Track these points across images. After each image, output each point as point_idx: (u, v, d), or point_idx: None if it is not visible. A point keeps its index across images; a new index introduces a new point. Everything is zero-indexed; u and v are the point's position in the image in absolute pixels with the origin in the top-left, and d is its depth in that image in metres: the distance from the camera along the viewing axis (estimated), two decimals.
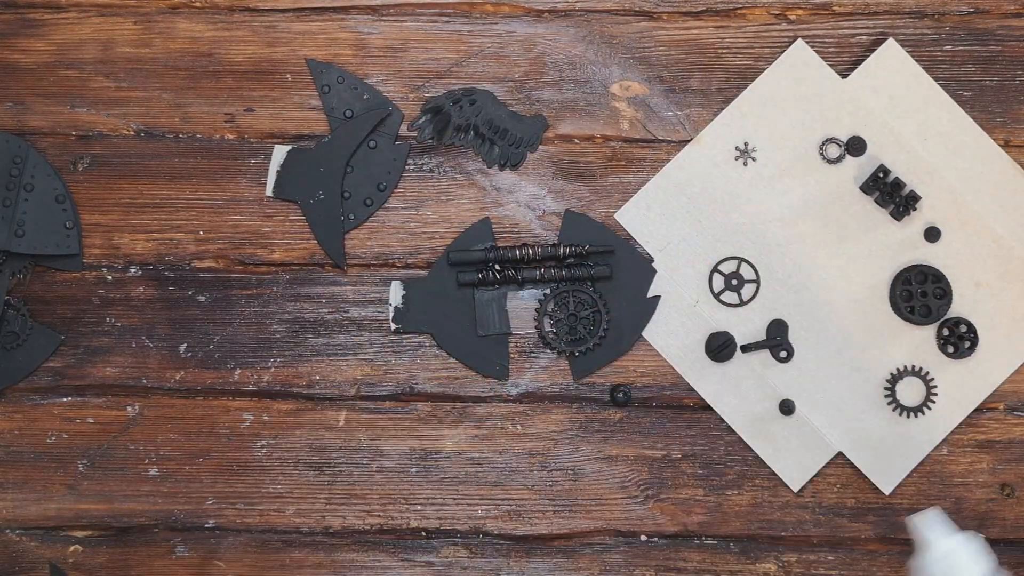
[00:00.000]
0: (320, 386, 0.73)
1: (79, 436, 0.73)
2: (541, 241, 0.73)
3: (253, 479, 0.72)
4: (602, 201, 0.73)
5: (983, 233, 0.72)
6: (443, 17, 0.75)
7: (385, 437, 0.72)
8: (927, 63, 0.73)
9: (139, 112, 0.74)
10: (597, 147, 0.74)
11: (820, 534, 0.70)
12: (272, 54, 0.74)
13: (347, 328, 0.73)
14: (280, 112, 0.74)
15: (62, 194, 0.73)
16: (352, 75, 0.74)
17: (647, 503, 0.71)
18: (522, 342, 0.73)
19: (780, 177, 0.73)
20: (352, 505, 0.72)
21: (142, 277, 0.73)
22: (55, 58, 0.75)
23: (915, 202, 0.72)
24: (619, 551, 0.72)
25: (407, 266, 0.73)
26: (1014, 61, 0.74)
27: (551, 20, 0.74)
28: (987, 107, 0.73)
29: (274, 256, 0.73)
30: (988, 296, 0.72)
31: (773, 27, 0.74)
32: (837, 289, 0.72)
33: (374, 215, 0.74)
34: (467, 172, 0.74)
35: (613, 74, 0.74)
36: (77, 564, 0.72)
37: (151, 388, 0.73)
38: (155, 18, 0.75)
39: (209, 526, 0.72)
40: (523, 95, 0.74)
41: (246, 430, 0.73)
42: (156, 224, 0.74)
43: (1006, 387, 0.72)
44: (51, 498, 0.72)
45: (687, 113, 0.74)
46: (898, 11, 0.74)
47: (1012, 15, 0.74)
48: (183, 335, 0.73)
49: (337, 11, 0.75)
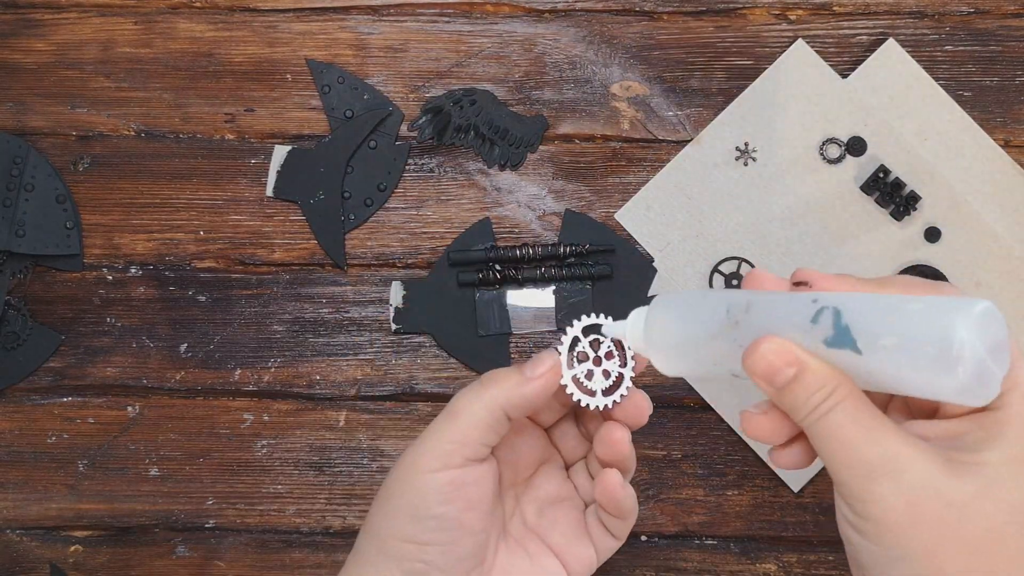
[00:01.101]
0: (320, 386, 0.73)
1: (79, 436, 0.73)
2: (541, 241, 0.73)
3: (253, 479, 0.72)
4: (602, 201, 0.73)
5: (983, 233, 0.72)
6: (443, 17, 0.75)
7: (385, 437, 0.72)
8: (927, 63, 0.73)
9: (139, 112, 0.74)
10: (597, 147, 0.74)
11: (820, 534, 0.70)
12: (272, 54, 0.74)
13: (347, 328, 0.73)
14: (280, 112, 0.74)
15: (62, 194, 0.73)
16: (352, 75, 0.74)
17: (647, 503, 0.71)
18: (522, 342, 0.73)
19: (780, 177, 0.73)
20: (352, 505, 0.72)
21: (142, 277, 0.73)
22: (55, 58, 0.75)
23: (915, 202, 0.72)
24: (619, 551, 0.72)
25: (407, 266, 0.73)
26: (1014, 61, 0.74)
27: (551, 20, 0.74)
28: (987, 107, 0.73)
29: (274, 256, 0.74)
30: (988, 296, 0.72)
31: (773, 27, 0.74)
32: None
33: (374, 215, 0.74)
34: (467, 172, 0.74)
35: (613, 74, 0.74)
36: (77, 564, 0.72)
37: (151, 388, 0.73)
38: (155, 18, 0.75)
39: (209, 526, 0.72)
40: (523, 95, 0.74)
41: (246, 430, 0.73)
42: (156, 224, 0.74)
43: None
44: (51, 498, 0.72)
45: (687, 113, 0.74)
46: (898, 11, 0.74)
47: (1012, 15, 0.74)
48: (183, 335, 0.73)
49: (337, 11, 0.75)
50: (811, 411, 0.42)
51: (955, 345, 0.38)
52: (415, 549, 0.48)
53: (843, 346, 0.41)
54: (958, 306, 0.38)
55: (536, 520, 0.54)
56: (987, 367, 0.38)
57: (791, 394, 0.42)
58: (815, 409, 0.42)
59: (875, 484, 0.40)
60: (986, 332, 0.38)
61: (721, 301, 0.45)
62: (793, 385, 0.42)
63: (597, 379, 0.50)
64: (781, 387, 0.42)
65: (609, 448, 0.51)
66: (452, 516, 0.49)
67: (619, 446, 0.51)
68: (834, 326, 0.41)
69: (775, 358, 0.42)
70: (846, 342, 0.41)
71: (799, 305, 0.42)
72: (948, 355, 0.38)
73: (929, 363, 0.38)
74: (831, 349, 0.41)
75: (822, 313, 0.41)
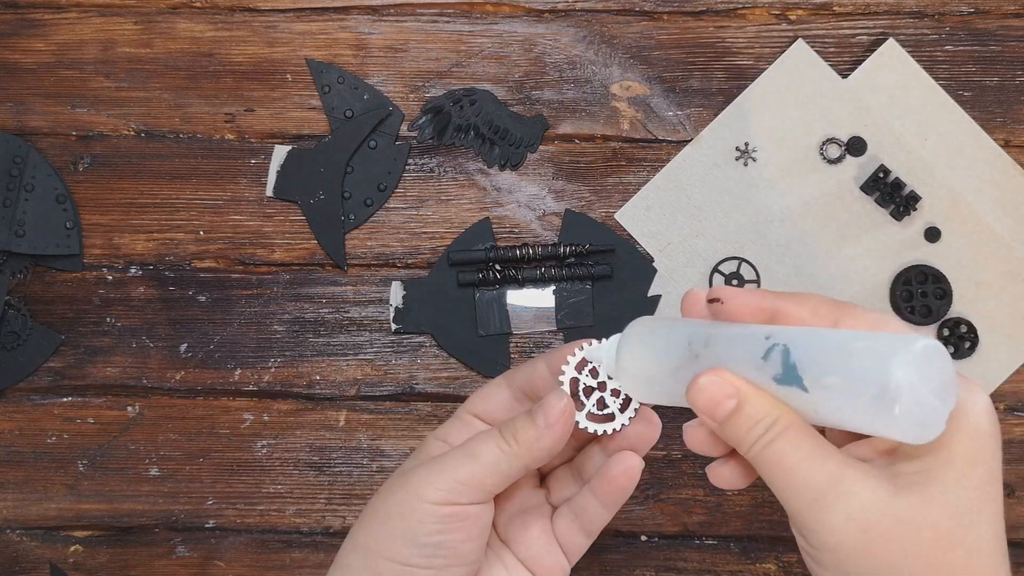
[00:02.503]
0: (320, 386, 0.73)
1: (79, 436, 0.73)
2: (541, 241, 0.73)
3: (253, 479, 0.72)
4: (602, 201, 0.73)
5: (983, 233, 0.72)
6: (443, 17, 0.75)
7: (385, 437, 0.72)
8: (927, 63, 0.73)
9: (139, 112, 0.74)
10: (597, 147, 0.74)
11: None
12: (272, 54, 0.74)
13: (347, 328, 0.73)
14: (280, 112, 0.74)
15: (62, 194, 0.73)
16: (352, 75, 0.74)
17: (647, 503, 0.72)
18: (522, 342, 0.73)
19: (780, 177, 0.73)
20: (352, 505, 0.72)
21: (142, 277, 0.73)
22: (55, 58, 0.75)
23: (915, 202, 0.72)
24: (619, 551, 0.72)
25: (407, 266, 0.73)
26: (1014, 61, 0.74)
27: (551, 20, 0.74)
28: (987, 107, 0.73)
29: (274, 256, 0.74)
30: (988, 296, 0.72)
31: (773, 27, 0.74)
32: (837, 289, 0.72)
33: (374, 215, 0.74)
34: (467, 172, 0.74)
35: (613, 74, 0.74)
36: (77, 564, 0.72)
37: (151, 388, 0.73)
38: (155, 18, 0.75)
39: (209, 526, 0.72)
40: (523, 95, 0.74)
41: (246, 430, 0.73)
42: (156, 224, 0.74)
43: (1006, 387, 0.72)
44: (51, 498, 0.72)
45: (687, 113, 0.74)
46: (898, 11, 0.74)
47: (1012, 15, 0.74)
48: (183, 335, 0.73)
49: (337, 11, 0.75)
50: (754, 443, 0.42)
51: (892, 385, 0.37)
52: (406, 571, 0.48)
53: (791, 383, 0.41)
54: (898, 344, 0.38)
55: (504, 531, 0.53)
56: (929, 405, 0.38)
57: (733, 426, 0.42)
58: (757, 440, 0.41)
59: (824, 513, 0.40)
60: (927, 370, 0.38)
61: (684, 334, 0.45)
62: (734, 417, 0.42)
63: (609, 400, 0.50)
64: (722, 420, 0.42)
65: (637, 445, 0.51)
66: (449, 545, 0.48)
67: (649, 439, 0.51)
68: (782, 363, 0.41)
69: (715, 390, 0.42)
70: (793, 379, 0.41)
71: (753, 341, 0.42)
72: (885, 395, 0.37)
73: (869, 403, 0.38)
74: (780, 386, 0.41)
75: (772, 351, 0.41)
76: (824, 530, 0.40)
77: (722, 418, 0.42)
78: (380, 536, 0.49)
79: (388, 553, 0.48)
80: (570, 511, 0.52)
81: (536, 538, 0.52)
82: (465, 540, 0.48)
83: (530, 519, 0.52)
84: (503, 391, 0.53)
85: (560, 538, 0.52)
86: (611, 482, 0.50)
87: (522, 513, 0.53)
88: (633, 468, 0.50)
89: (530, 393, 0.52)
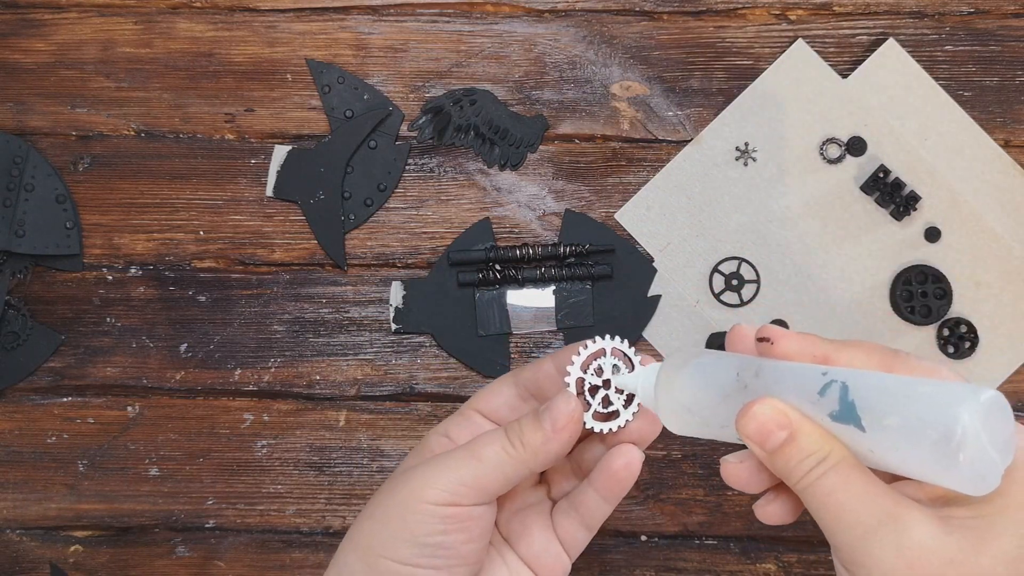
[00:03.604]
0: (320, 386, 0.73)
1: (79, 436, 0.73)
2: (541, 241, 0.73)
3: (253, 479, 0.72)
4: (602, 201, 0.73)
5: (983, 233, 0.72)
6: (443, 17, 0.75)
7: (385, 437, 0.72)
8: (927, 63, 0.73)
9: (139, 112, 0.74)
10: (597, 147, 0.74)
11: (820, 534, 0.70)
12: (272, 54, 0.74)
13: (347, 328, 0.73)
14: (280, 112, 0.74)
15: (62, 194, 0.73)
16: (352, 75, 0.74)
17: (647, 503, 0.71)
18: (522, 342, 0.73)
19: (780, 177, 0.73)
20: (352, 505, 0.72)
21: (142, 277, 0.73)
22: (55, 58, 0.75)
23: (915, 202, 0.72)
24: (619, 551, 0.72)
25: (407, 266, 0.73)
26: (1014, 61, 0.74)
27: (551, 20, 0.74)
28: (987, 107, 0.73)
29: (274, 256, 0.74)
30: (988, 296, 0.72)
31: (773, 27, 0.74)
32: (837, 289, 0.72)
33: (374, 215, 0.74)
34: (467, 172, 0.74)
35: (613, 74, 0.74)
36: (77, 564, 0.72)
37: (151, 388, 0.73)
38: (155, 18, 0.75)
39: (209, 526, 0.72)
40: (523, 95, 0.74)
41: (246, 430, 0.73)
42: (156, 224, 0.74)
43: (1006, 387, 0.72)
44: (51, 498, 0.72)
45: (687, 113, 0.74)
46: (898, 11, 0.74)
47: (1012, 15, 0.74)
48: (183, 335, 0.73)
49: (337, 11, 0.75)
50: (804, 475, 0.41)
51: (958, 431, 0.37)
52: (406, 571, 0.47)
53: (848, 421, 0.40)
54: (965, 393, 0.38)
55: (505, 529, 0.52)
56: (988, 457, 0.38)
57: (783, 458, 0.41)
58: (808, 473, 0.41)
59: (873, 546, 0.40)
60: (991, 421, 0.38)
61: (732, 364, 0.44)
62: (785, 448, 0.41)
63: (614, 397, 0.50)
64: (772, 451, 0.42)
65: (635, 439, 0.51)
66: (451, 546, 0.47)
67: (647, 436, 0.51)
68: (840, 401, 0.40)
69: (767, 420, 0.41)
70: (851, 418, 0.40)
71: (809, 376, 0.42)
72: (950, 441, 0.37)
73: (931, 447, 0.38)
74: (835, 423, 0.41)
75: (830, 387, 0.41)
76: (873, 563, 0.40)
77: (773, 448, 0.42)
78: (380, 535, 0.48)
79: (388, 553, 0.48)
80: (570, 505, 0.52)
81: (537, 536, 0.52)
82: (466, 541, 0.48)
83: (531, 516, 0.52)
84: (509, 389, 0.52)
85: (560, 534, 0.52)
86: (612, 476, 0.50)
87: (523, 510, 0.52)
88: (634, 461, 0.49)
89: (536, 392, 0.52)
